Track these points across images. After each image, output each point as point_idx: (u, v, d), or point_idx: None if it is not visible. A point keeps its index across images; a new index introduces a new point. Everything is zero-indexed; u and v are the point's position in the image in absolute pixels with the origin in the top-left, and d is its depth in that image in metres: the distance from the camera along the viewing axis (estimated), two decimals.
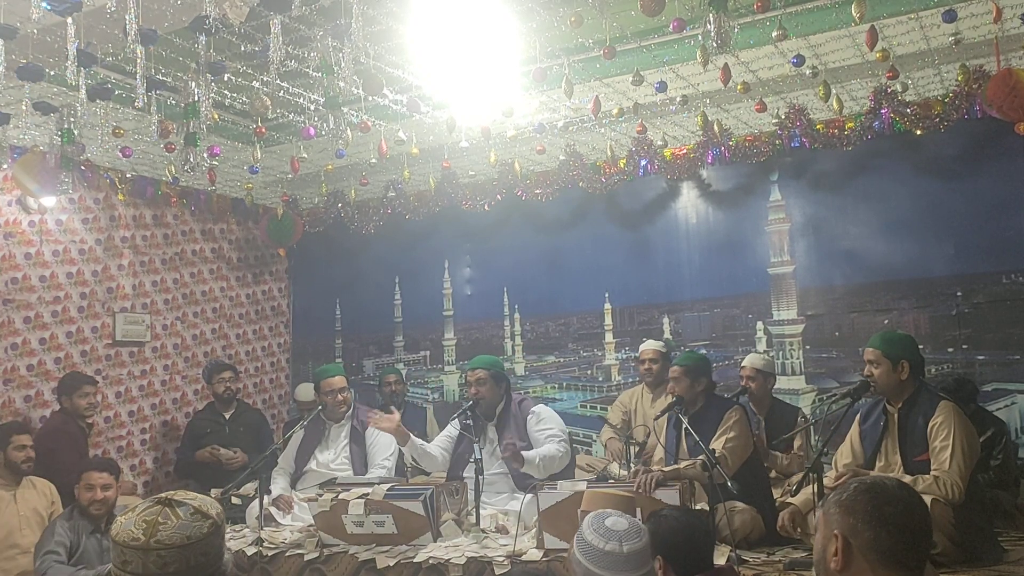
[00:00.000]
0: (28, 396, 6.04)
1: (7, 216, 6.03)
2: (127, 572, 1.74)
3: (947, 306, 6.02)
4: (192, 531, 1.79)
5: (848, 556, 1.76)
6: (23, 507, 4.85)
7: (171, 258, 7.30)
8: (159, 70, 4.55)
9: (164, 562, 1.74)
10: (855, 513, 1.78)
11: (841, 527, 1.78)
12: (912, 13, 4.40)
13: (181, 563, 1.75)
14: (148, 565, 1.73)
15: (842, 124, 5.91)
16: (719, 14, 3.41)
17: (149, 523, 1.76)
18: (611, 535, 2.53)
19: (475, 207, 7.21)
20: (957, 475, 3.58)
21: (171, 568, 1.74)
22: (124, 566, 1.75)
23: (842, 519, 1.79)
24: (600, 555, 2.51)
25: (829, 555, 1.79)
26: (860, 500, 1.79)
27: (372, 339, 8.30)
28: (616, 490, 3.72)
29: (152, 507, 1.81)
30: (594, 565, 2.52)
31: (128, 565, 1.74)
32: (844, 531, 1.77)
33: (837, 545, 1.77)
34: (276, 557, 4.49)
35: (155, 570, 1.73)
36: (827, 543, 1.81)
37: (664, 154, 6.49)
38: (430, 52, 4.22)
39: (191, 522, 1.80)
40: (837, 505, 1.82)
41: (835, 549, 1.77)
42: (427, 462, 5.09)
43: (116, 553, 1.78)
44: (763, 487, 4.36)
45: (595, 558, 2.53)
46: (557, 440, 4.84)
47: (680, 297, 6.94)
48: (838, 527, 1.78)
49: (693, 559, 2.73)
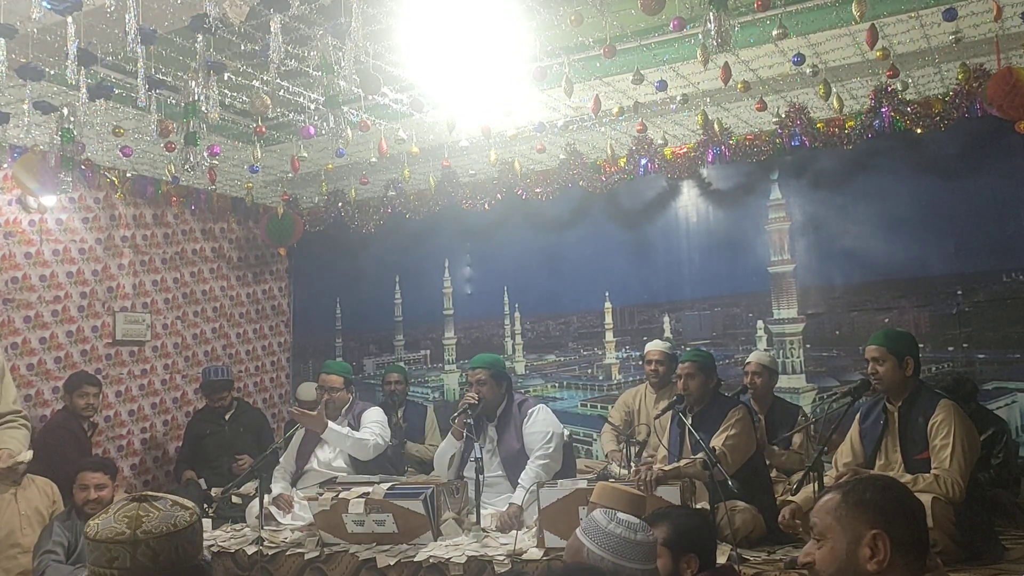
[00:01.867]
0: (28, 396, 6.04)
1: (7, 216, 6.03)
2: (113, 569, 1.70)
3: (947, 305, 6.02)
4: (177, 520, 1.77)
5: (892, 553, 1.72)
6: (24, 506, 4.84)
7: (171, 257, 7.30)
8: (159, 69, 4.55)
9: (154, 552, 1.71)
10: (885, 511, 1.75)
11: (878, 525, 1.73)
12: (912, 12, 4.40)
13: (171, 552, 1.73)
14: (138, 557, 1.70)
15: (842, 123, 5.91)
16: (719, 13, 3.41)
17: (131, 517, 1.74)
18: (631, 524, 2.49)
19: (475, 206, 7.21)
20: (957, 473, 3.58)
21: (162, 558, 1.72)
22: (110, 564, 1.70)
23: (876, 518, 1.74)
24: (625, 544, 2.42)
25: (863, 558, 1.73)
26: (888, 497, 1.77)
27: (372, 338, 8.30)
28: (629, 488, 3.66)
29: (128, 504, 1.80)
30: (616, 556, 2.39)
31: (115, 562, 1.70)
32: (884, 528, 1.73)
33: (879, 544, 1.72)
34: (276, 556, 4.50)
35: (145, 562, 1.70)
36: (856, 547, 1.74)
37: (664, 153, 6.48)
38: (430, 51, 4.22)
39: (173, 512, 1.79)
40: (860, 506, 1.77)
41: (871, 550, 1.72)
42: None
43: (99, 552, 1.73)
44: (764, 486, 4.36)
45: (617, 548, 2.42)
46: (547, 451, 4.81)
47: (680, 296, 6.94)
48: (874, 526, 1.74)
49: (712, 558, 2.80)
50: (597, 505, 3.01)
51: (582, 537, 2.45)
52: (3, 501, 4.78)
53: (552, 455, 4.82)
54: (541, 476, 4.69)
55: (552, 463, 4.82)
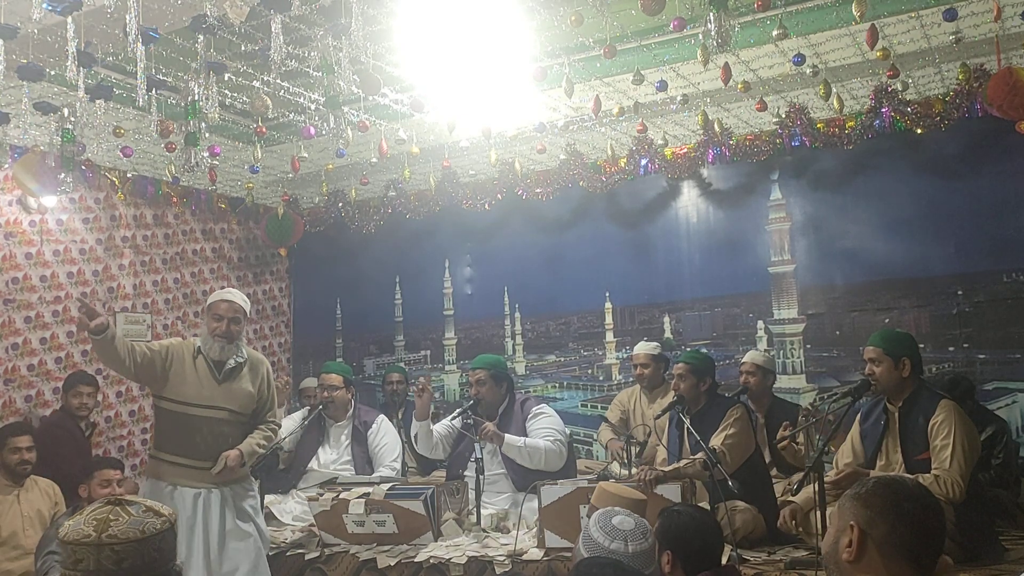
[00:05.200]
0: (29, 396, 6.04)
1: (7, 216, 6.03)
2: (79, 571, 1.72)
3: (948, 305, 6.01)
4: (145, 526, 1.78)
5: (862, 547, 1.76)
6: (26, 508, 4.84)
7: (172, 258, 7.30)
8: (159, 70, 4.55)
9: (119, 557, 1.73)
10: (872, 506, 1.79)
11: (857, 518, 1.79)
12: (912, 12, 4.40)
13: (136, 558, 1.74)
14: (102, 561, 1.72)
15: (843, 123, 5.90)
16: (719, 13, 3.41)
17: (100, 520, 1.76)
18: (617, 534, 2.51)
19: (475, 206, 7.21)
20: (958, 474, 3.58)
21: (126, 564, 1.73)
22: (76, 565, 1.73)
23: (859, 511, 1.79)
24: (605, 554, 2.49)
25: (842, 546, 1.79)
26: (878, 494, 1.81)
27: (373, 338, 8.31)
28: (628, 489, 3.68)
29: (102, 507, 1.81)
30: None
31: (80, 564, 1.72)
32: (861, 522, 1.78)
33: (852, 536, 1.77)
34: (277, 557, 4.50)
35: (110, 566, 1.72)
36: (840, 534, 1.81)
37: (665, 153, 6.48)
38: (430, 51, 4.22)
39: (143, 518, 1.79)
40: (854, 498, 1.83)
41: (848, 540, 1.78)
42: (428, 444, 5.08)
43: (67, 553, 1.76)
44: (765, 486, 4.35)
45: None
46: (551, 439, 4.82)
47: (681, 296, 6.94)
48: (854, 518, 1.79)
49: (702, 556, 2.73)
50: (597, 507, 3.00)
51: (585, 553, 2.49)
52: (5, 503, 4.79)
53: (559, 452, 4.82)
54: (541, 448, 4.71)
55: (557, 455, 4.80)
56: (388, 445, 5.45)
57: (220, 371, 4.27)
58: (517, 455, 4.72)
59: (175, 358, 4.26)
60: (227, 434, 4.25)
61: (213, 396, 4.22)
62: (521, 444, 4.72)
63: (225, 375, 4.28)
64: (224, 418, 4.23)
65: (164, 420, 4.26)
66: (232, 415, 4.27)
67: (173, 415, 4.20)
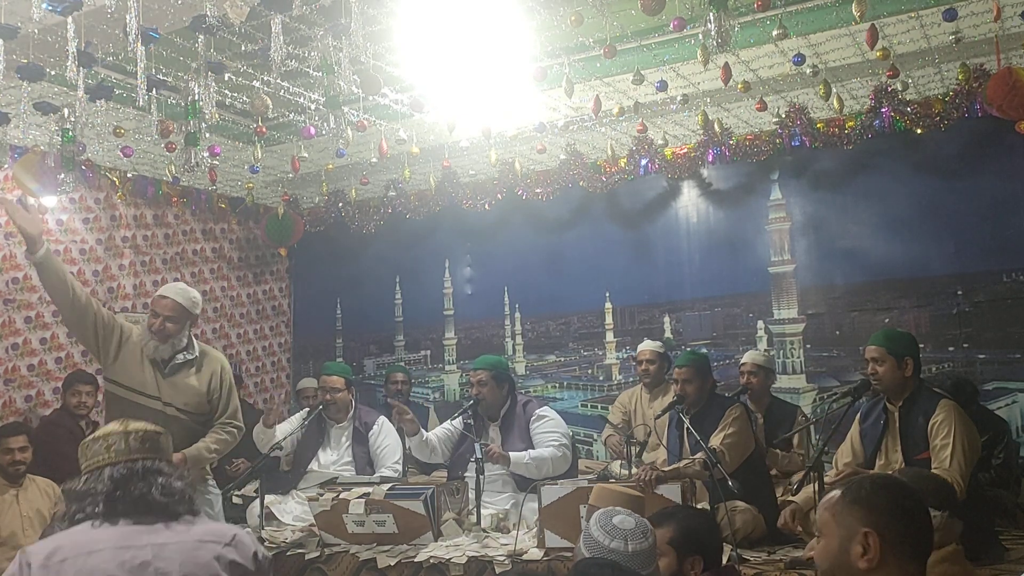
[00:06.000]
0: (29, 396, 6.04)
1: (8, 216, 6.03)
2: (111, 452, 2.26)
3: (948, 305, 6.02)
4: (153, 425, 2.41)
5: (884, 552, 1.74)
6: (25, 508, 4.85)
7: (172, 258, 7.30)
8: (159, 70, 4.55)
9: (142, 439, 2.29)
10: (879, 509, 1.77)
11: (870, 523, 1.76)
12: (912, 12, 4.40)
13: (152, 441, 2.32)
14: (129, 442, 2.27)
15: (842, 123, 5.91)
16: (719, 13, 3.41)
17: (121, 423, 2.33)
18: (617, 533, 2.51)
19: (475, 206, 7.21)
20: (958, 473, 3.58)
21: (148, 444, 2.30)
22: (107, 449, 2.26)
23: (868, 516, 1.76)
24: (605, 553, 2.49)
25: (855, 555, 1.75)
26: (883, 495, 1.79)
27: (373, 338, 8.31)
28: (627, 488, 3.68)
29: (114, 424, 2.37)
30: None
31: (112, 447, 2.26)
32: (876, 527, 1.75)
33: (870, 542, 1.74)
34: (277, 556, 4.49)
35: (135, 444, 2.27)
36: (848, 544, 1.77)
37: (665, 153, 6.49)
38: (430, 51, 4.22)
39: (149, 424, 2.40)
40: (855, 504, 1.79)
41: (863, 548, 1.75)
42: (424, 453, 5.06)
43: (96, 446, 2.28)
44: (765, 486, 4.35)
45: (599, 555, 2.51)
46: (556, 444, 4.81)
47: (681, 296, 6.94)
48: (866, 524, 1.76)
49: (717, 559, 2.81)
50: (596, 507, 3.00)
51: (586, 553, 2.49)
52: (4, 503, 4.79)
53: (564, 457, 4.82)
54: (547, 458, 4.70)
55: (562, 460, 4.80)
56: (390, 447, 5.44)
57: (166, 365, 4.13)
58: (525, 471, 4.70)
59: (127, 340, 4.13)
60: (175, 432, 4.12)
61: (159, 389, 4.09)
62: (527, 460, 4.69)
63: (171, 369, 4.14)
64: (172, 415, 4.05)
65: (113, 406, 4.11)
66: (181, 412, 4.12)
67: (121, 401, 4.06)
